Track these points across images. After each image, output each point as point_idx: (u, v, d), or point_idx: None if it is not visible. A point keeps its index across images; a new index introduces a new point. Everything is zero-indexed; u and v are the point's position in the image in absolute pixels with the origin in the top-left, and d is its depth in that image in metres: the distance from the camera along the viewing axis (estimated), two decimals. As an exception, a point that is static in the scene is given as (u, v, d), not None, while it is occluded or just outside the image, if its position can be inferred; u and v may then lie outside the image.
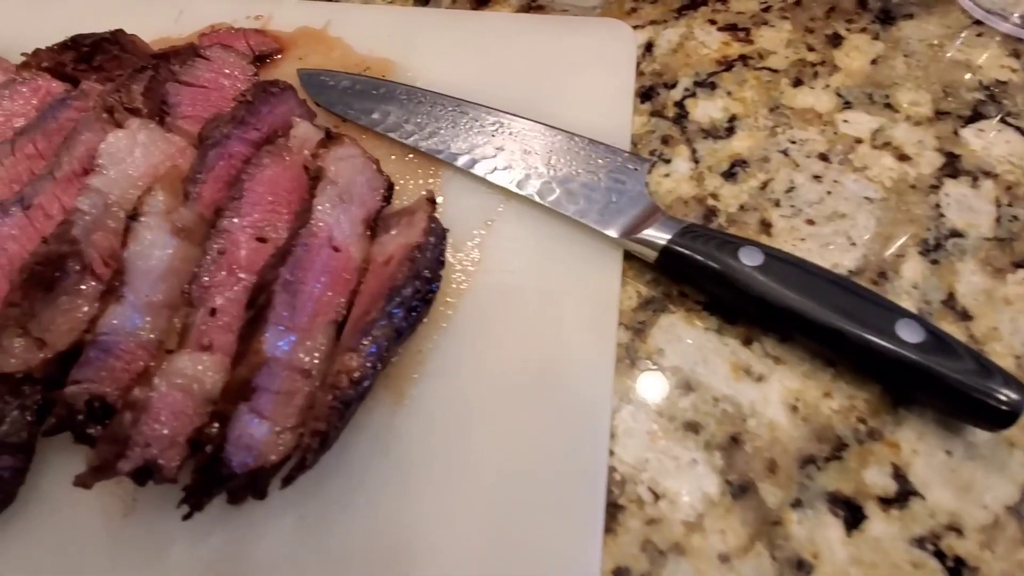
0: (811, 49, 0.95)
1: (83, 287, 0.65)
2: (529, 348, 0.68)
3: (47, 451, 0.64)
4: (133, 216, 0.64)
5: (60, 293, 0.64)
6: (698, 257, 0.68)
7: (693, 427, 0.65)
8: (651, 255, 0.71)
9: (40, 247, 0.66)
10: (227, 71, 0.83)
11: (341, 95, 0.89)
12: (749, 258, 0.67)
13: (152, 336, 0.63)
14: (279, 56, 0.97)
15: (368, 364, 0.59)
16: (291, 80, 0.91)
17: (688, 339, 0.70)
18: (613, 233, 0.73)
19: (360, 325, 0.61)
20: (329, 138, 0.72)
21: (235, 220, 0.66)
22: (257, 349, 0.58)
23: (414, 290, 0.64)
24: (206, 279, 0.63)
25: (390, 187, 0.75)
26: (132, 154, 0.72)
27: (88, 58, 0.89)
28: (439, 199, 0.80)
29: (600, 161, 0.80)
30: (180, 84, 0.78)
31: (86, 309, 0.64)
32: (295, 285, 0.61)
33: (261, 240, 0.68)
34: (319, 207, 0.66)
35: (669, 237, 0.70)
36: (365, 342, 0.59)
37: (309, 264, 0.63)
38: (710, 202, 0.80)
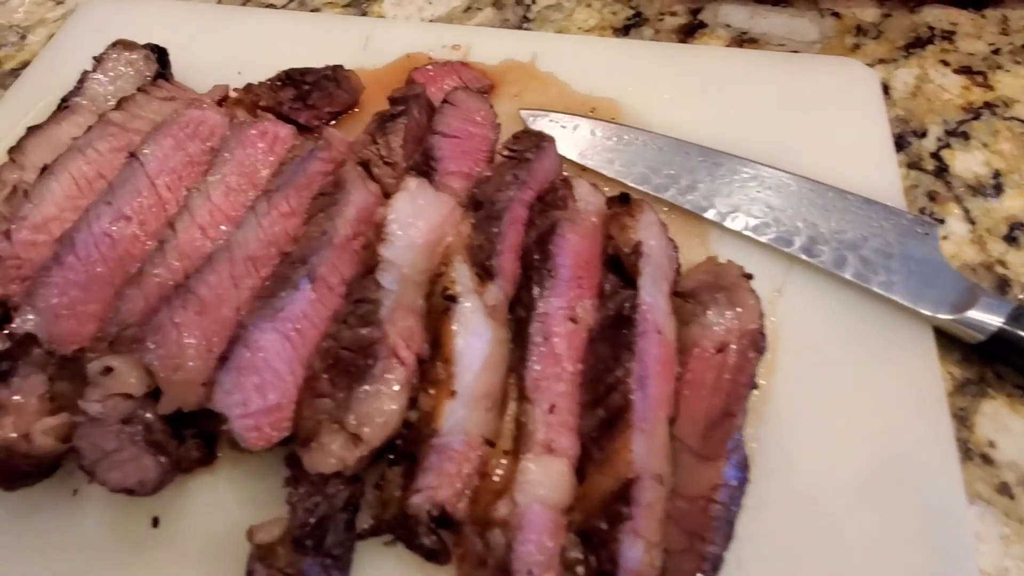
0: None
1: (391, 375, 0.59)
2: (858, 440, 0.62)
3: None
4: (451, 297, 0.58)
5: (371, 382, 0.58)
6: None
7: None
8: (976, 337, 0.66)
9: (342, 330, 0.59)
10: (475, 118, 0.76)
11: (577, 140, 0.83)
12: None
13: (479, 434, 0.58)
14: (489, 93, 0.91)
15: (741, 473, 0.53)
16: (508, 120, 0.85)
17: (1018, 429, 0.65)
18: (928, 311, 0.67)
19: (717, 429, 0.55)
20: (623, 202, 0.66)
21: (552, 300, 0.60)
22: (626, 458, 0.52)
23: (753, 380, 0.58)
24: (536, 370, 0.57)
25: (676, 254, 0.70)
26: (416, 219, 0.65)
27: (305, 96, 0.83)
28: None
29: (884, 224, 0.74)
30: (440, 136, 0.71)
31: (399, 401, 0.59)
32: (645, 380, 0.56)
33: (573, 321, 0.62)
34: (643, 287, 0.60)
35: (1003, 320, 0.64)
36: (730, 447, 0.54)
37: (649, 354, 0.58)
38: (999, 270, 0.75)
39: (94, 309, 0.66)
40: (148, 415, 0.60)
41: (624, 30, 1.00)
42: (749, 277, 0.64)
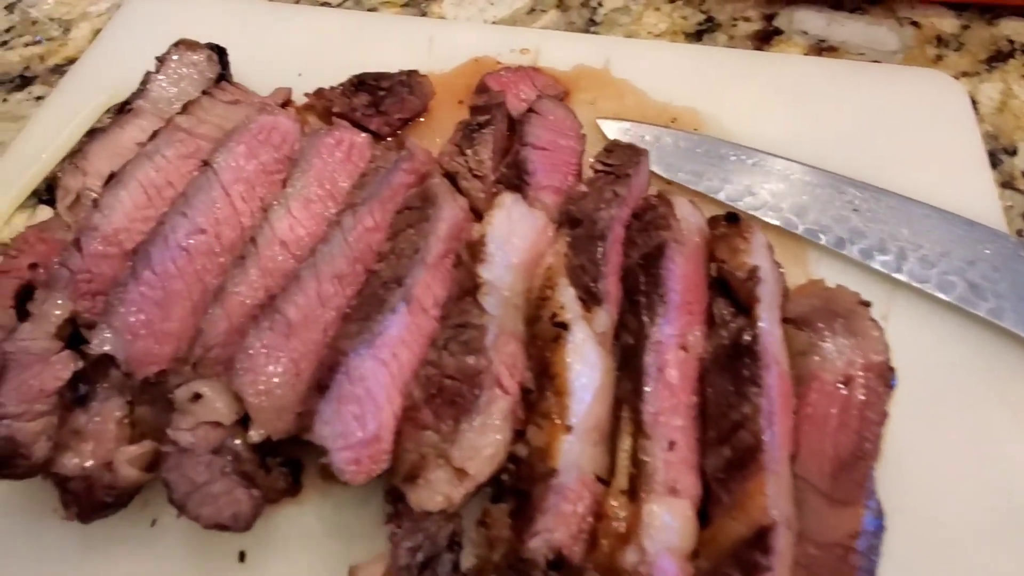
0: None
1: (496, 406, 0.56)
2: (984, 478, 0.59)
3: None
4: (562, 324, 0.55)
5: (477, 414, 0.55)
6: None
7: None
8: (1097, 369, 0.63)
9: (443, 357, 0.56)
10: (563, 128, 0.73)
11: (661, 152, 0.80)
12: None
13: (591, 470, 0.55)
14: (563, 100, 0.87)
15: (878, 520, 0.50)
16: (585, 130, 0.81)
17: None
18: (1044, 340, 0.64)
19: (851, 471, 0.52)
20: (732, 222, 0.63)
21: (664, 328, 0.57)
22: (760, 503, 0.49)
23: (884, 418, 0.55)
24: (654, 404, 0.54)
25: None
26: (512, 236, 0.62)
27: (378, 102, 0.79)
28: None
29: (988, 248, 0.71)
30: (531, 148, 0.68)
31: (504, 433, 0.55)
32: (773, 417, 0.53)
33: (684, 349, 0.59)
34: (762, 316, 0.57)
35: None
36: (867, 492, 0.51)
37: (774, 390, 0.54)
38: (1107, 296, 0.72)
39: (172, 328, 0.63)
40: (237, 443, 0.57)
41: (696, 35, 0.97)
42: (866, 304, 0.61)
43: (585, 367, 0.54)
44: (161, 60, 0.81)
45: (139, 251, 0.63)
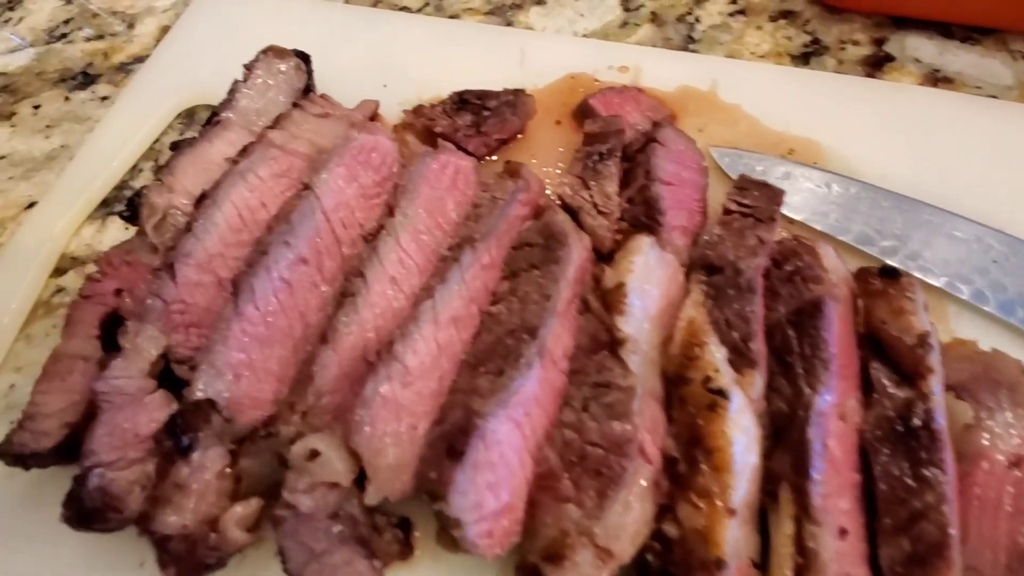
0: None
1: (641, 477, 0.51)
2: None
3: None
4: (720, 391, 0.50)
5: (624, 487, 0.50)
6: None
7: None
8: None
9: (584, 420, 0.51)
10: (687, 160, 0.67)
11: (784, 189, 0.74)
12: None
13: (747, 554, 0.50)
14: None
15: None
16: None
17: None
18: None
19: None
20: (890, 277, 0.58)
21: (826, 397, 0.52)
22: (951, 608, 0.44)
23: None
24: (821, 485, 0.49)
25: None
26: (648, 284, 0.57)
27: (481, 122, 0.74)
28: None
29: None
30: (660, 183, 0.63)
31: (649, 509, 0.50)
32: (953, 506, 0.48)
33: (842, 419, 0.53)
34: (935, 390, 0.52)
35: None
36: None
37: (953, 474, 0.49)
38: None
39: (273, 368, 0.58)
40: (352, 505, 0.52)
41: (803, 58, 0.91)
42: (1029, 373, 0.56)
43: (745, 439, 0.49)
44: (249, 68, 0.76)
45: (241, 283, 0.58)
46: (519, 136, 0.81)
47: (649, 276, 0.56)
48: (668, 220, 0.61)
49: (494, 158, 0.80)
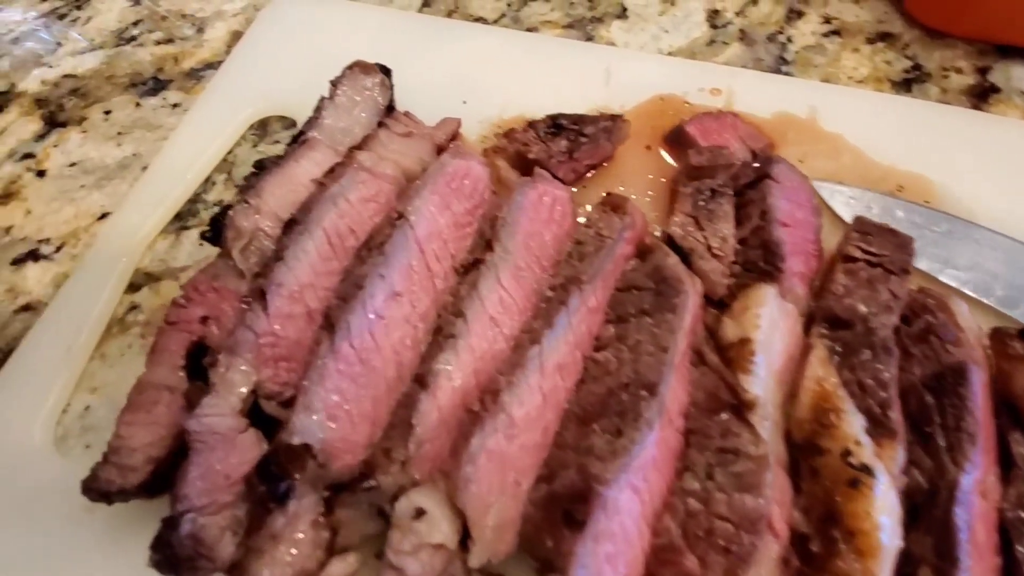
0: None
1: (769, 555, 0.47)
2: None
3: None
4: (865, 468, 0.46)
5: (752, 565, 0.46)
6: None
7: None
8: None
9: (711, 491, 0.47)
10: (801, 199, 0.63)
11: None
12: None
13: (887, 644, 0.46)
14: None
15: None
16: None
17: None
18: None
19: None
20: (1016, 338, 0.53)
21: (973, 475, 0.47)
22: None
23: None
24: (968, 572, 0.45)
25: None
26: (772, 340, 0.53)
27: (575, 148, 0.70)
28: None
29: None
30: (779, 225, 0.59)
31: (779, 587, 0.47)
32: None
33: (983, 496, 0.49)
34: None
35: None
36: None
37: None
38: None
39: (368, 411, 0.55)
40: (455, 567, 0.49)
41: (904, 84, 0.86)
42: None
43: (891, 524, 0.45)
44: (335, 84, 0.73)
45: (337, 319, 0.55)
46: (607, 162, 0.78)
47: (774, 331, 0.52)
48: (788, 266, 0.57)
49: (583, 185, 0.77)
